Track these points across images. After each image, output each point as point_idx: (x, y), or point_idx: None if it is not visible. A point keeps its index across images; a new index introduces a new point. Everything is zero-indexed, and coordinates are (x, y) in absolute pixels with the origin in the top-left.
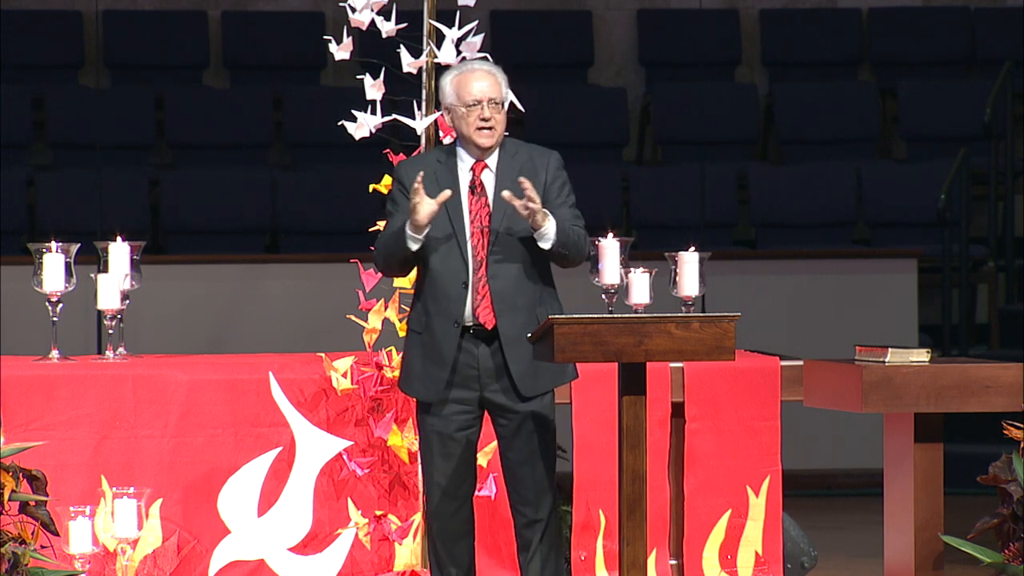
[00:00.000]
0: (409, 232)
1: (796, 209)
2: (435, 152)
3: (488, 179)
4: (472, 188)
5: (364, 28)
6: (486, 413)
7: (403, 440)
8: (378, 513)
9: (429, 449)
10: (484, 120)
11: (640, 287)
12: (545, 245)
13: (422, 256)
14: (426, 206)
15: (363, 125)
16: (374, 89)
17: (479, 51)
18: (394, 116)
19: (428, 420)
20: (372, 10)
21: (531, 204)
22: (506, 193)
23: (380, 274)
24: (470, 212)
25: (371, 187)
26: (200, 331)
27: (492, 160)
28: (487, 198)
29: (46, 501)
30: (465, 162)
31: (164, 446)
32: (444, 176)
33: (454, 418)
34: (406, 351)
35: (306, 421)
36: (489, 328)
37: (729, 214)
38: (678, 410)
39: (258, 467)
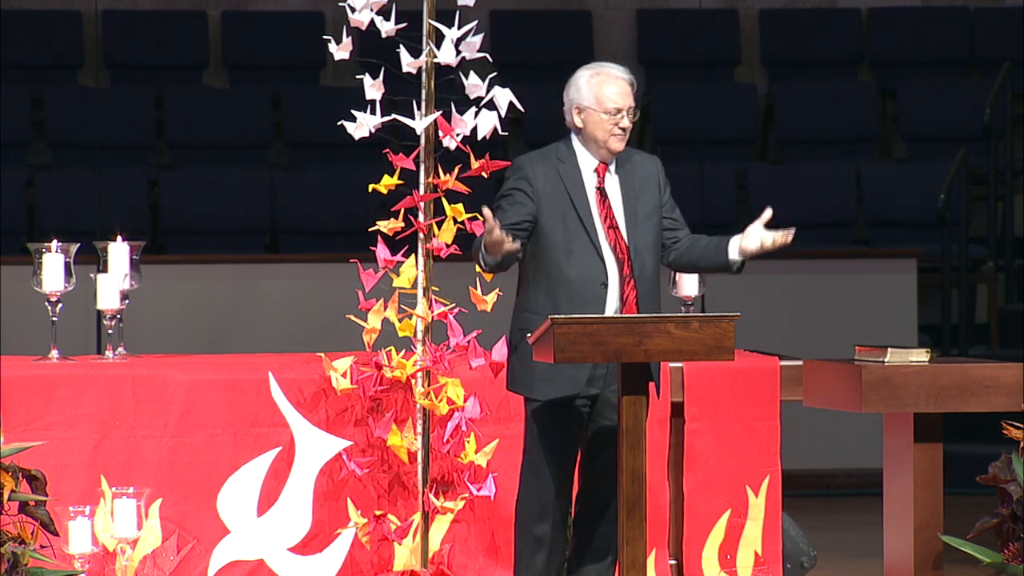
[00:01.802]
0: (484, 253)
1: (795, 209)
2: (554, 149)
3: (611, 181)
4: (600, 190)
5: (364, 28)
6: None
7: (403, 440)
8: (377, 513)
9: (565, 441)
10: (623, 129)
11: None
12: (735, 265)
13: (547, 259)
14: (501, 240)
15: (362, 125)
16: (373, 89)
17: (479, 51)
18: (393, 116)
19: (554, 417)
20: (372, 10)
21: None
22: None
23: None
24: (600, 214)
25: (371, 187)
26: (200, 331)
27: (611, 162)
28: (610, 200)
29: (46, 501)
30: (587, 162)
31: (164, 446)
32: (569, 174)
33: (582, 410)
34: (526, 352)
35: (306, 421)
36: None
37: (728, 214)
38: (678, 410)
39: (257, 467)
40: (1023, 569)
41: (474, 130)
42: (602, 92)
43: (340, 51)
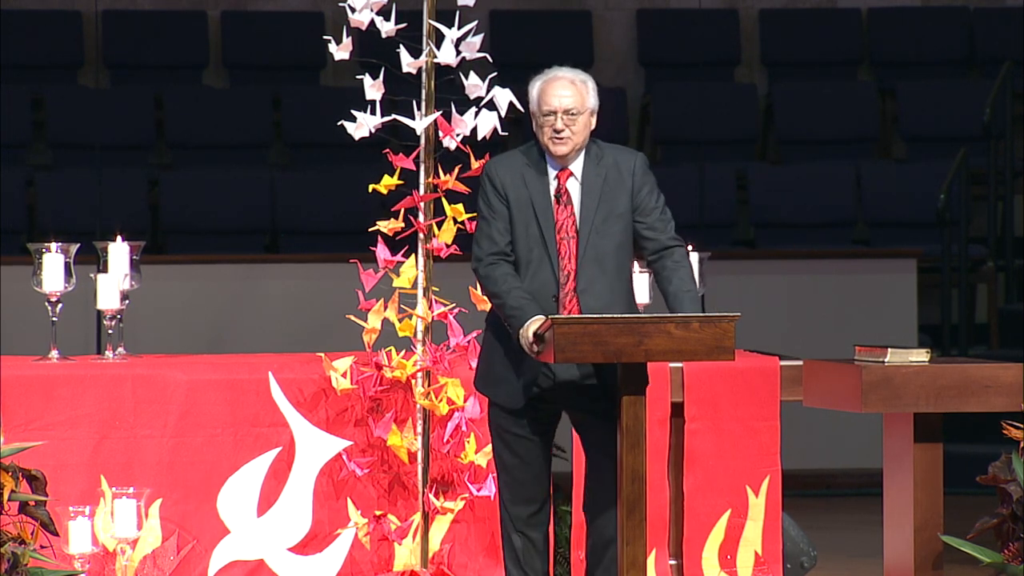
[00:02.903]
0: (525, 342)
1: (796, 209)
2: (522, 152)
3: (573, 187)
4: (558, 197)
5: (364, 28)
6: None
7: (403, 440)
8: (377, 513)
9: (506, 450)
10: (556, 132)
11: (640, 287)
12: None
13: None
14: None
15: (363, 125)
16: (374, 89)
17: (479, 51)
18: (394, 116)
19: (507, 423)
20: (372, 10)
21: None
22: None
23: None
24: (556, 222)
25: (371, 187)
26: (200, 331)
27: (577, 166)
28: (573, 207)
29: (46, 501)
30: (552, 167)
31: (164, 446)
32: (533, 180)
33: (542, 411)
34: (489, 354)
35: (306, 421)
36: None
37: (728, 214)
38: (678, 410)
39: (258, 467)
40: (1023, 569)
41: (474, 130)
42: (541, 94)
43: (340, 51)
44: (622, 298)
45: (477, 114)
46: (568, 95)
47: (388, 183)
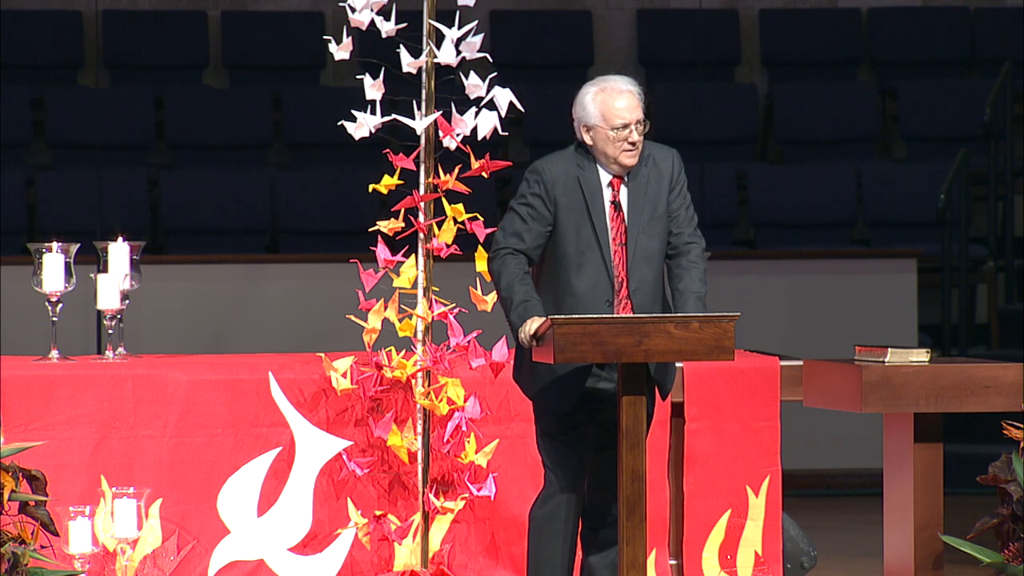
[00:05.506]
0: (523, 336)
1: (796, 209)
2: (573, 155)
3: (623, 193)
4: (615, 204)
5: (364, 28)
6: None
7: (403, 440)
8: (378, 513)
9: (557, 448)
10: (632, 143)
11: None
12: None
13: (556, 271)
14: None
15: (363, 125)
16: (374, 89)
17: (479, 51)
18: (394, 116)
19: (556, 425)
20: (372, 10)
21: None
22: None
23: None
24: (612, 228)
25: (371, 187)
26: (200, 331)
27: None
28: (624, 214)
29: (46, 501)
30: (604, 174)
31: (164, 446)
32: (588, 184)
33: (582, 428)
34: (525, 356)
35: (306, 421)
36: None
37: (729, 214)
38: (678, 410)
39: (258, 467)
40: (1023, 569)
41: (474, 130)
42: (607, 108)
43: (340, 51)
44: (660, 295)
45: (477, 114)
46: (635, 105)
47: (388, 183)
